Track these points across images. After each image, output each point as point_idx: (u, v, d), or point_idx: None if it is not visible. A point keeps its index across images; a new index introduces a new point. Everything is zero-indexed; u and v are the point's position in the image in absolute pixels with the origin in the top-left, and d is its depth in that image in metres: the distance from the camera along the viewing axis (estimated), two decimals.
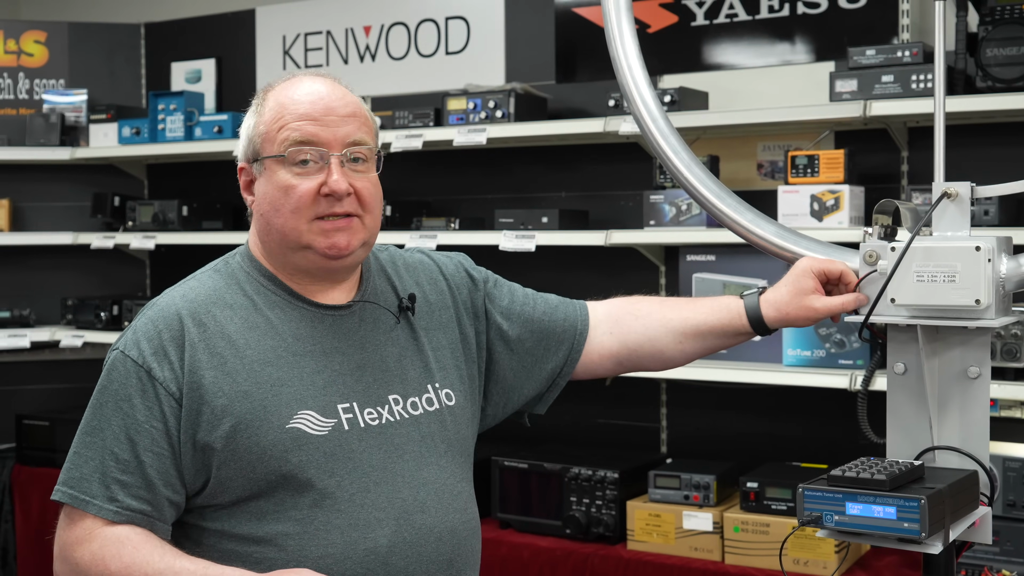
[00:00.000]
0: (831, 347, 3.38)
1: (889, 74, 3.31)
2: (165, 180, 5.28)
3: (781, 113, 3.51)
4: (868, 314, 2.01)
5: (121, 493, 1.79)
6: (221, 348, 1.84)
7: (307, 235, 1.88)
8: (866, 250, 2.06)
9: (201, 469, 1.82)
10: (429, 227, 4.08)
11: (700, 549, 3.36)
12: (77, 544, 1.80)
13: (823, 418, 3.71)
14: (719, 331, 2.16)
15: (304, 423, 1.84)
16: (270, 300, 1.92)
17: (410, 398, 1.96)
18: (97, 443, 1.82)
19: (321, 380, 1.88)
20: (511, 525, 3.69)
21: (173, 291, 1.93)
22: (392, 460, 1.90)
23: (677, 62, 3.99)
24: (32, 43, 5.22)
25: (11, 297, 5.08)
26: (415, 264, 2.13)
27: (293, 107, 1.89)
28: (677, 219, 3.64)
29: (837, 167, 3.41)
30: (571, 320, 2.21)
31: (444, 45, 4.52)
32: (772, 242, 2.22)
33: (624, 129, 3.65)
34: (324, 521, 1.82)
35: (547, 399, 2.22)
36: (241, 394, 1.82)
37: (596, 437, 4.11)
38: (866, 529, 1.86)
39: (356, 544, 1.83)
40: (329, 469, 1.83)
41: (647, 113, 2.36)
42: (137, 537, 1.78)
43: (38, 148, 4.97)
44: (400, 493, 1.88)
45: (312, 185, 1.87)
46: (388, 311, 2.00)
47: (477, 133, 3.94)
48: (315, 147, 1.87)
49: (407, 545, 1.86)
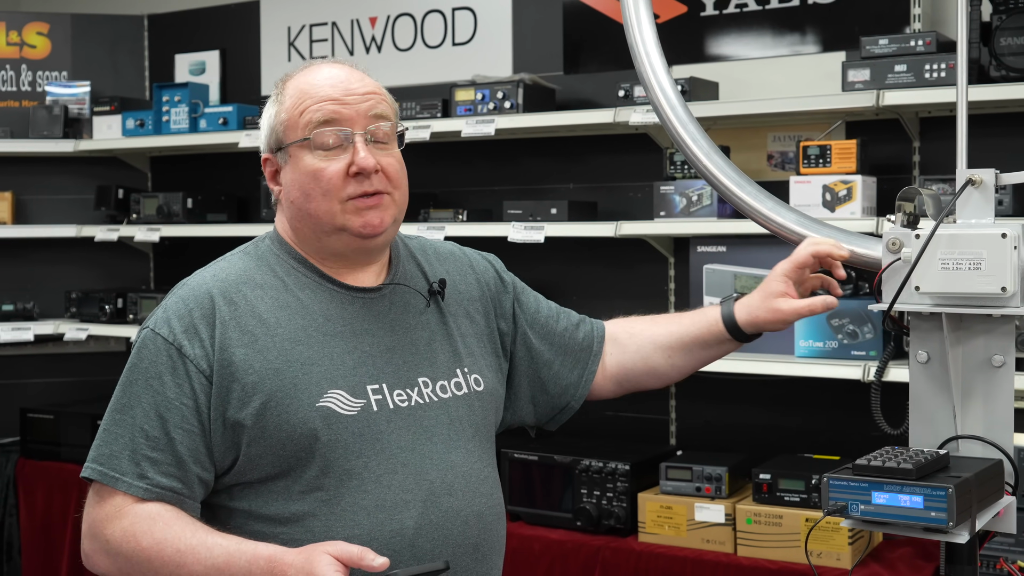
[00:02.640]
0: (843, 338, 3.36)
1: (902, 63, 3.29)
2: (169, 172, 5.25)
3: (793, 103, 3.48)
4: (892, 302, 1.99)
5: (151, 470, 1.80)
6: (252, 326, 1.85)
7: (340, 216, 1.88)
8: (889, 238, 2.04)
9: (231, 447, 1.83)
10: (437, 219, 4.06)
11: (712, 541, 3.35)
12: (107, 521, 1.80)
13: (834, 410, 3.70)
14: (701, 341, 2.18)
15: (334, 402, 1.84)
16: (300, 281, 1.93)
17: (439, 381, 1.96)
18: (127, 420, 1.82)
19: (351, 360, 1.88)
20: (521, 517, 3.67)
21: (203, 272, 1.94)
22: (420, 442, 1.90)
23: (686, 52, 3.97)
24: (35, 35, 5.19)
25: (15, 290, 5.06)
26: (446, 254, 2.15)
27: (313, 91, 1.90)
28: (688, 210, 3.62)
29: (849, 157, 3.39)
30: (588, 340, 2.23)
31: (451, 36, 4.50)
32: (793, 230, 2.21)
33: (634, 119, 3.64)
34: (351, 502, 1.82)
35: (559, 419, 2.24)
36: (272, 371, 1.82)
37: (605, 429, 4.10)
38: (892, 519, 1.84)
39: (383, 525, 1.83)
40: (357, 449, 1.84)
41: (665, 100, 2.35)
42: (168, 514, 1.79)
43: (41, 140, 4.94)
44: (428, 475, 1.88)
45: (340, 166, 1.88)
46: (419, 294, 2.01)
47: (485, 124, 3.92)
48: (338, 127, 1.88)
49: (434, 527, 1.86)
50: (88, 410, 4.66)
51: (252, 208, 4.88)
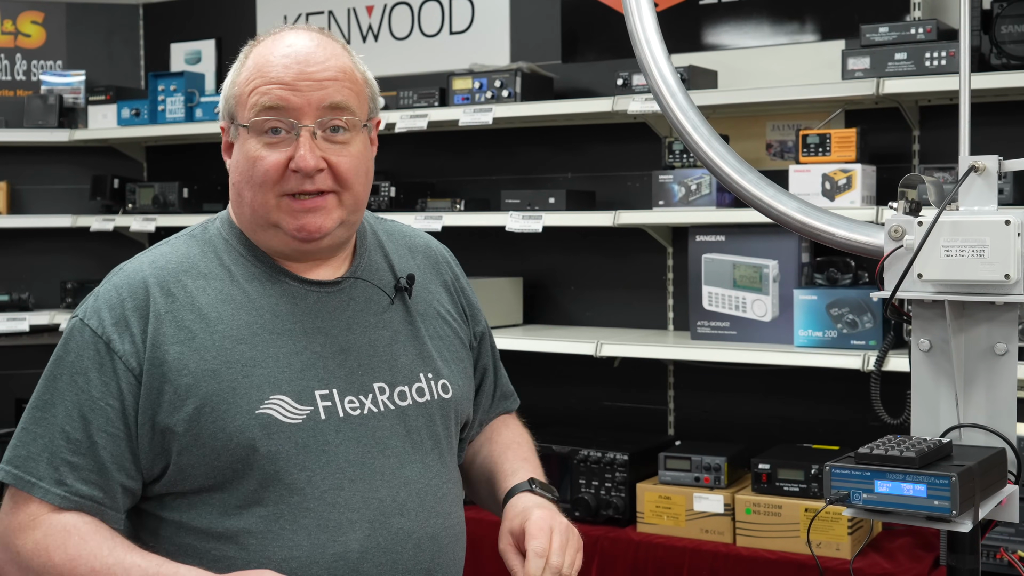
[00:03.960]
0: (843, 327, 3.35)
1: (902, 52, 3.27)
2: (165, 162, 5.23)
3: (793, 91, 3.47)
4: (895, 290, 1.98)
5: (70, 476, 1.63)
6: (190, 321, 1.68)
7: (275, 213, 1.72)
8: (891, 225, 2.02)
9: (160, 454, 1.66)
10: (434, 208, 4.04)
11: (711, 531, 3.34)
12: (20, 530, 1.64)
13: (833, 399, 3.69)
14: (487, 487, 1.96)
15: (276, 409, 1.67)
16: (249, 272, 1.76)
17: (398, 387, 1.80)
18: (48, 419, 1.65)
19: (299, 362, 1.71)
20: None
21: (142, 257, 1.77)
22: (371, 455, 1.73)
23: (685, 41, 3.95)
24: (29, 24, 5.16)
25: (10, 280, 5.04)
26: (420, 247, 1.99)
27: (267, 68, 1.71)
28: (686, 199, 3.61)
29: (849, 146, 3.37)
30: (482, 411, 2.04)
31: (448, 24, 4.47)
32: (794, 218, 2.19)
33: (633, 108, 3.62)
34: (291, 520, 1.66)
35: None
36: (208, 373, 1.66)
37: (602, 419, 4.08)
38: (895, 507, 1.83)
39: (324, 547, 1.67)
40: (300, 462, 1.67)
41: (665, 87, 2.33)
42: (85, 527, 1.63)
43: (36, 130, 4.91)
44: (377, 493, 1.72)
45: (280, 158, 1.70)
46: (382, 290, 1.85)
47: (483, 113, 3.90)
48: (284, 116, 1.70)
49: (381, 551, 1.71)
50: None
51: None
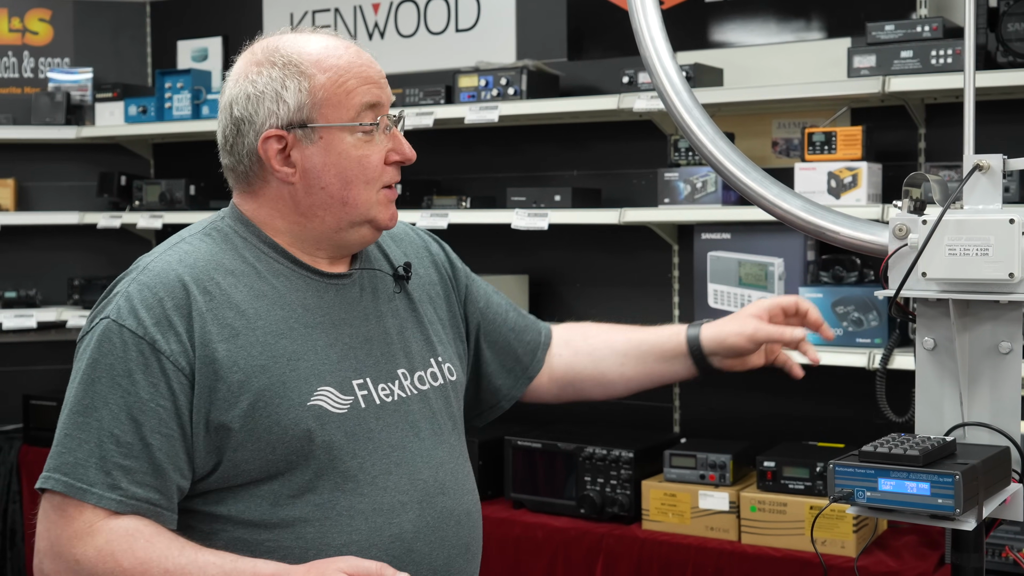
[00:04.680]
0: (848, 325, 3.35)
1: (908, 50, 3.27)
2: (172, 159, 5.24)
3: (799, 89, 3.47)
4: (899, 288, 1.98)
5: (124, 480, 1.60)
6: (231, 319, 1.69)
7: (375, 207, 1.78)
8: (896, 224, 2.02)
9: (213, 451, 1.67)
10: (440, 206, 4.05)
11: (716, 529, 3.34)
12: (76, 539, 1.61)
13: (838, 397, 3.69)
14: (658, 351, 2.09)
15: (325, 400, 1.71)
16: (273, 267, 1.77)
17: (416, 372, 1.86)
18: (92, 424, 1.62)
19: (335, 354, 1.75)
20: (524, 505, 3.66)
21: (165, 255, 1.74)
22: (409, 439, 1.80)
23: (691, 39, 3.95)
24: (37, 21, 5.17)
25: (17, 277, 5.05)
26: (402, 236, 2.03)
27: (354, 69, 1.76)
28: (692, 197, 3.61)
29: (855, 144, 3.37)
30: (534, 344, 2.13)
31: (454, 22, 4.48)
32: (799, 216, 2.19)
33: (639, 106, 3.62)
34: (347, 506, 1.70)
35: (486, 416, 2.15)
36: (257, 368, 1.67)
37: (607, 417, 4.09)
38: (898, 505, 1.83)
39: (381, 530, 1.72)
40: (351, 450, 1.72)
41: (670, 85, 2.33)
42: (147, 529, 1.61)
43: (43, 127, 4.93)
44: (420, 474, 1.78)
45: (382, 153, 1.78)
46: (387, 278, 1.90)
47: (489, 111, 3.90)
48: (381, 112, 1.78)
49: (430, 530, 1.77)
50: None
51: None
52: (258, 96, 1.75)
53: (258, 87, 1.75)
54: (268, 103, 1.74)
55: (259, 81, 1.76)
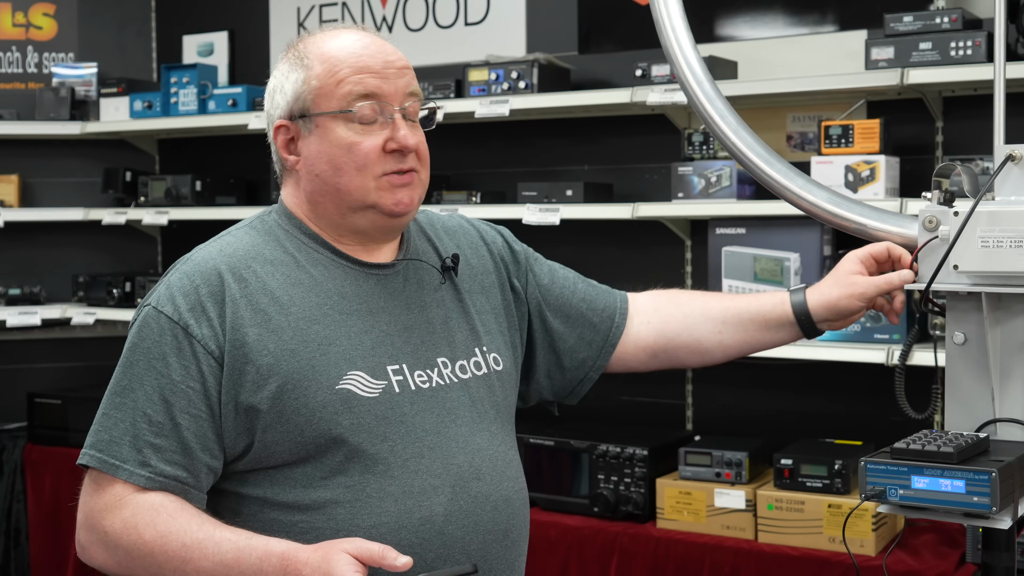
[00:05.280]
0: (866, 320, 3.31)
1: (927, 41, 3.23)
2: (177, 155, 5.20)
3: (815, 82, 3.42)
4: (930, 281, 1.94)
5: (155, 458, 1.70)
6: (264, 304, 1.76)
7: (374, 193, 1.81)
8: (926, 215, 1.98)
9: (243, 432, 1.74)
10: (450, 201, 4.01)
11: (732, 527, 3.30)
12: (106, 511, 1.70)
13: (855, 394, 3.64)
14: (761, 320, 2.08)
15: (354, 384, 1.76)
16: (312, 257, 1.84)
17: (458, 361, 1.89)
18: (128, 404, 1.72)
19: (369, 340, 1.80)
20: (537, 503, 3.62)
21: (208, 246, 1.84)
22: (445, 424, 1.82)
23: (704, 32, 3.91)
24: (41, 16, 5.12)
25: (21, 274, 5.00)
26: (455, 228, 2.06)
27: (351, 60, 1.81)
28: (706, 191, 3.56)
29: (872, 137, 3.33)
30: (610, 310, 2.13)
31: (463, 15, 4.43)
32: (825, 209, 2.15)
33: (652, 99, 3.57)
34: (377, 488, 1.74)
35: (578, 392, 2.16)
36: (288, 352, 1.73)
37: (620, 414, 4.05)
38: (932, 503, 1.79)
39: (411, 512, 1.75)
40: (381, 433, 1.76)
41: (692, 76, 2.29)
42: (172, 505, 1.69)
43: (48, 123, 4.88)
44: (455, 459, 1.81)
45: (378, 142, 1.79)
46: (433, 269, 1.94)
47: (499, 104, 3.86)
48: (378, 101, 1.80)
49: (463, 514, 1.79)
50: (96, 395, 4.51)
51: (261, 191, 4.82)
52: (273, 90, 1.88)
53: (275, 81, 1.88)
54: (278, 96, 1.86)
55: (277, 75, 1.88)
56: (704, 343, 2.11)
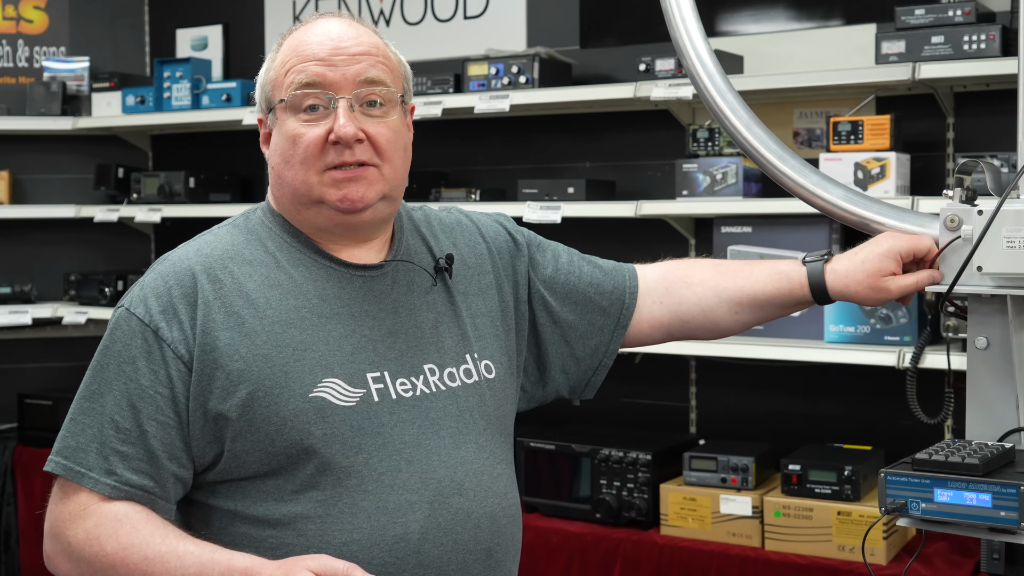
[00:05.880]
0: (876, 322, 3.22)
1: (939, 35, 3.14)
2: (171, 151, 5.10)
3: (824, 76, 3.33)
4: (952, 284, 1.85)
5: (120, 466, 1.63)
6: (239, 307, 1.68)
7: (318, 188, 1.72)
8: (948, 214, 1.90)
9: (213, 441, 1.66)
10: (449, 198, 3.92)
11: (738, 534, 3.21)
12: (70, 521, 1.64)
13: (865, 397, 3.56)
14: (778, 301, 2.00)
15: (329, 392, 1.67)
16: (293, 257, 1.76)
17: (447, 368, 1.79)
18: (96, 409, 1.65)
19: (349, 346, 1.71)
20: (538, 509, 3.53)
21: (187, 246, 1.78)
22: (427, 436, 1.73)
23: (709, 25, 3.81)
24: (31, 9, 5.03)
25: (12, 272, 4.91)
26: (452, 224, 1.96)
27: (303, 49, 1.73)
28: (711, 189, 3.48)
29: (883, 133, 3.24)
30: (619, 292, 2.02)
31: (462, 9, 4.34)
32: (840, 207, 2.06)
33: (656, 95, 3.48)
34: (349, 503, 1.66)
35: (594, 383, 2.05)
36: (260, 358, 1.65)
37: (621, 417, 3.96)
38: (956, 518, 1.71)
39: (385, 529, 1.66)
40: (356, 444, 1.67)
41: (702, 69, 2.20)
42: (136, 515, 1.62)
43: (39, 118, 4.78)
44: (435, 473, 1.71)
45: (320, 132, 1.71)
46: (424, 271, 1.84)
47: (499, 100, 3.77)
48: (321, 89, 1.71)
49: (442, 532, 1.70)
50: None
51: (256, 187, 4.73)
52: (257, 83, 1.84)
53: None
54: (257, 88, 1.83)
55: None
56: (721, 323, 2.03)
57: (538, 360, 1.99)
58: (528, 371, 1.99)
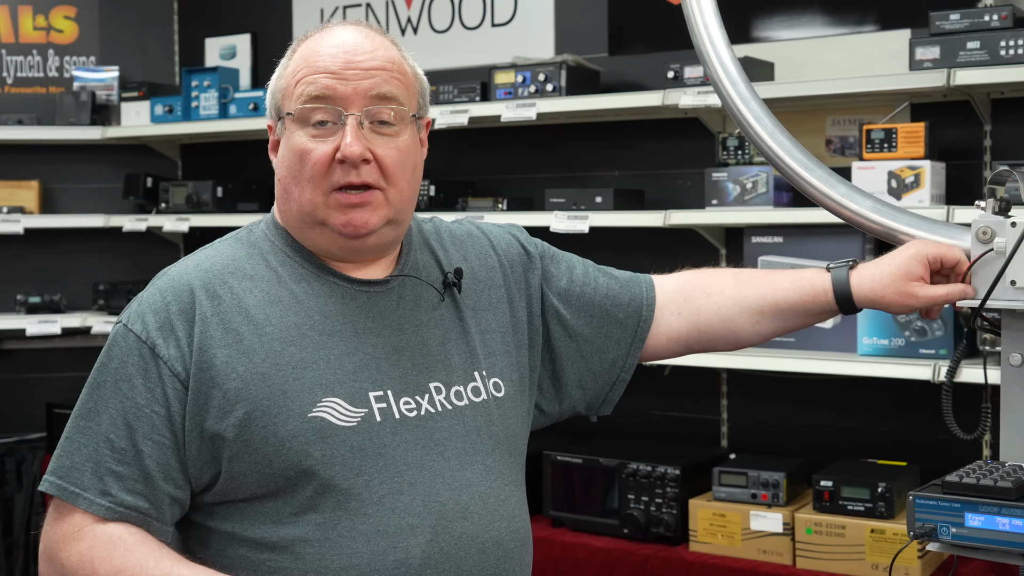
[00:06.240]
0: (911, 335, 3.14)
1: (975, 40, 3.06)
2: (200, 159, 5.09)
3: (856, 83, 3.26)
4: (985, 298, 1.78)
5: (116, 486, 1.58)
6: (237, 323, 1.63)
7: (323, 210, 1.66)
8: (980, 226, 1.83)
9: (209, 462, 1.61)
10: (475, 207, 3.87)
11: (769, 552, 3.14)
12: (64, 542, 1.60)
13: (899, 412, 3.47)
14: (801, 309, 1.93)
15: (329, 412, 1.61)
16: (296, 272, 1.70)
17: (454, 387, 1.73)
18: (92, 428, 1.61)
19: (351, 364, 1.65)
20: (564, 524, 3.47)
21: (187, 260, 1.73)
22: (431, 458, 1.67)
23: (740, 32, 3.75)
24: (62, 19, 5.03)
25: (41, 282, 4.91)
26: (463, 236, 1.90)
27: (315, 59, 1.67)
28: (741, 198, 3.41)
29: (917, 141, 3.16)
30: (636, 303, 1.95)
31: (490, 16, 4.30)
32: (869, 218, 1.99)
33: (684, 102, 3.42)
34: (349, 526, 1.60)
35: (611, 398, 1.98)
36: (258, 376, 1.60)
37: (651, 429, 3.90)
38: (988, 544, 1.64)
39: (385, 554, 1.60)
40: (356, 466, 1.61)
41: (725, 76, 2.15)
42: (131, 538, 1.58)
43: (68, 127, 4.78)
44: (439, 496, 1.65)
45: (328, 150, 1.65)
46: (431, 288, 1.78)
47: (526, 108, 3.72)
48: (331, 104, 1.65)
49: (444, 557, 1.64)
50: None
51: None
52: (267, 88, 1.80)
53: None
54: (267, 94, 1.77)
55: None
56: (741, 334, 1.96)
57: (553, 376, 1.93)
58: (543, 387, 1.92)
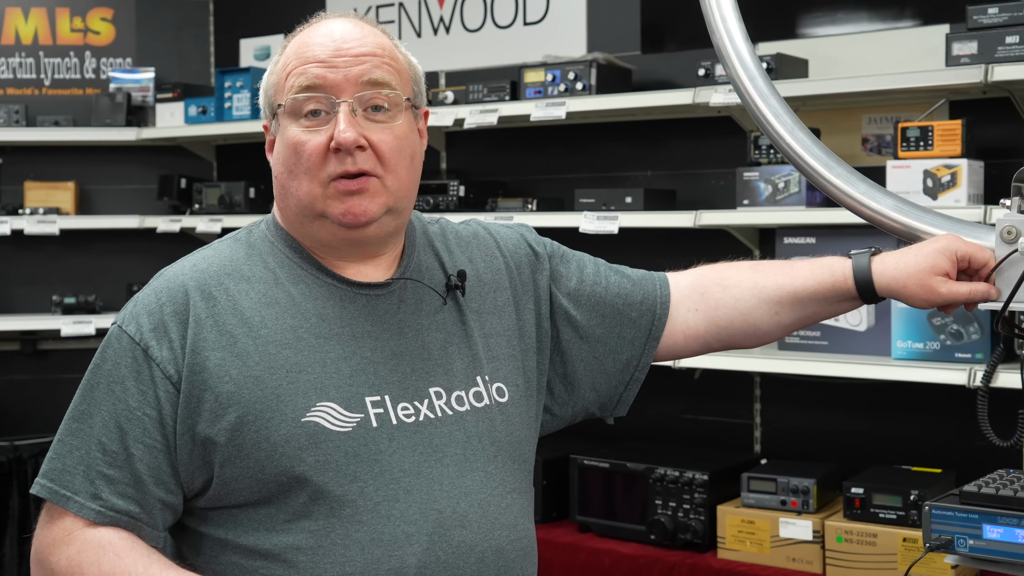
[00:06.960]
0: (946, 339, 3.05)
1: (1014, 35, 2.97)
2: (234, 160, 5.09)
3: (891, 80, 3.18)
4: (1008, 299, 1.71)
5: (106, 490, 1.57)
6: (232, 326, 1.60)
7: (322, 201, 1.62)
8: (1004, 226, 1.76)
9: (201, 466, 1.59)
10: (505, 208, 3.83)
11: (798, 560, 3.07)
12: (54, 546, 1.58)
13: (935, 417, 3.39)
14: (820, 296, 1.86)
15: (323, 416, 1.58)
16: (294, 274, 1.67)
17: (455, 392, 1.69)
18: (84, 430, 1.58)
19: (347, 368, 1.62)
20: (591, 529, 3.42)
21: (184, 261, 1.70)
22: (428, 464, 1.63)
23: (774, 28, 3.68)
24: (99, 21, 5.05)
25: (76, 282, 4.93)
26: (468, 238, 1.85)
27: (304, 51, 1.65)
28: (774, 198, 3.34)
29: (954, 139, 3.08)
30: (649, 302, 1.89)
31: (522, 15, 4.25)
32: (891, 217, 1.93)
33: (715, 100, 3.36)
34: (343, 534, 1.57)
35: (626, 399, 1.91)
36: (251, 380, 1.57)
37: (682, 434, 3.83)
38: (1007, 557, 1.57)
39: (379, 563, 1.57)
40: (351, 472, 1.58)
41: (743, 71, 2.08)
42: (121, 543, 1.56)
43: (104, 129, 4.80)
44: (436, 504, 1.61)
45: (322, 139, 1.61)
46: (433, 291, 1.74)
47: (556, 107, 3.67)
48: (322, 93, 1.62)
49: (441, 566, 1.59)
50: None
51: None
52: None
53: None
54: (260, 94, 1.75)
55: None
56: (761, 327, 1.89)
57: (565, 379, 1.87)
58: (554, 390, 1.87)
